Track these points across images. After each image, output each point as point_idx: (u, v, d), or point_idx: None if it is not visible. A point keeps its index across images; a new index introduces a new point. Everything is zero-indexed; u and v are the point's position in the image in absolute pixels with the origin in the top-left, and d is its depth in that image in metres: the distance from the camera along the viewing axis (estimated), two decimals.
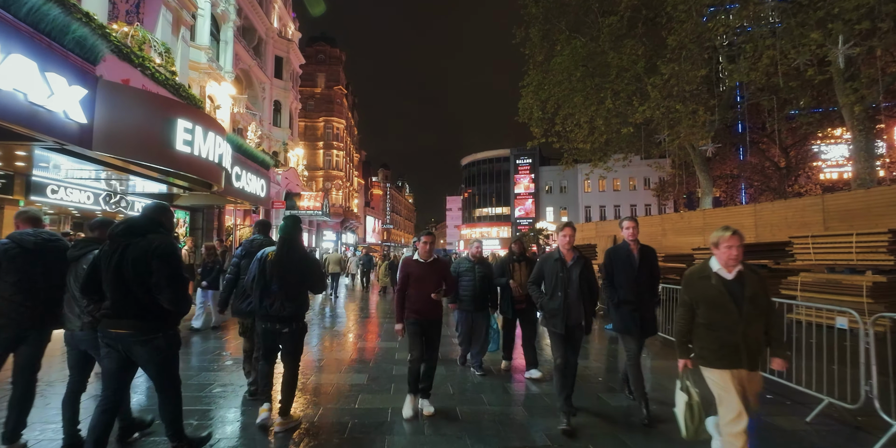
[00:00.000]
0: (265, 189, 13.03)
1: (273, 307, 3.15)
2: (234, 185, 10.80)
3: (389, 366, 5.06)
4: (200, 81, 16.34)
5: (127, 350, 2.50)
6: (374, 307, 11.33)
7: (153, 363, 2.55)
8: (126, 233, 2.53)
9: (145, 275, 2.46)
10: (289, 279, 3.16)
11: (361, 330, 7.74)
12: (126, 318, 2.47)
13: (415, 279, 3.67)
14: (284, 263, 3.17)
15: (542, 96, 16.61)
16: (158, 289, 2.47)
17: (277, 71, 27.48)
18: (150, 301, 2.49)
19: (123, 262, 2.46)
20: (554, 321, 3.47)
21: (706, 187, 19.47)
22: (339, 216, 40.07)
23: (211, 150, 7.77)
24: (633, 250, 3.85)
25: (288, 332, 3.21)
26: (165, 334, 2.57)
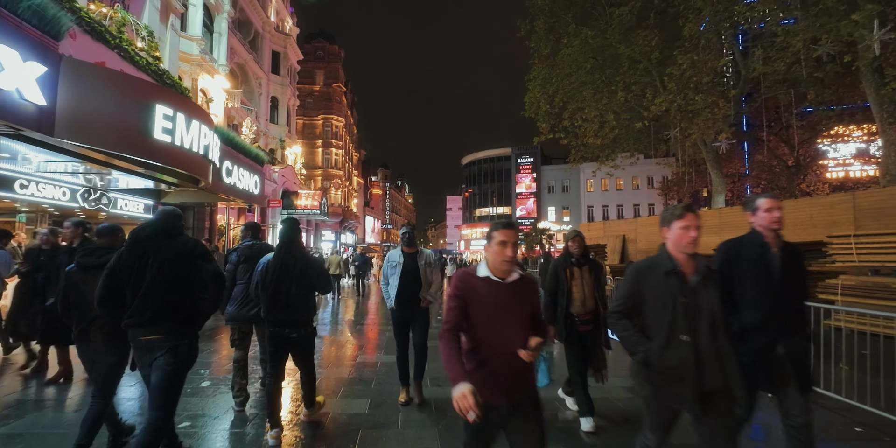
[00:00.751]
0: (259, 186, 12.30)
1: (283, 313, 3.06)
2: (224, 181, 10.08)
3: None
4: (192, 74, 15.61)
5: (153, 356, 2.41)
6: (374, 312, 10.61)
7: (166, 372, 2.39)
8: (157, 236, 2.45)
9: (184, 276, 2.42)
10: (293, 283, 3.07)
11: (360, 340, 7.03)
12: (158, 324, 2.39)
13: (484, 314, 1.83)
14: (287, 268, 3.08)
15: (550, 90, 15.90)
16: (203, 288, 2.46)
17: (274, 66, 26.74)
18: (183, 304, 2.44)
19: (158, 264, 2.37)
20: (673, 389, 1.94)
21: (718, 185, 18.77)
22: (337, 216, 39.33)
23: (195, 140, 7.04)
24: (773, 246, 2.46)
25: (297, 336, 3.12)
26: (190, 342, 2.49)
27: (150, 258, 2.38)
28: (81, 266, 2.73)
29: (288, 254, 3.12)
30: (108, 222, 3.03)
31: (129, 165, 6.51)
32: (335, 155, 40.71)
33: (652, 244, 17.63)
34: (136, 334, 2.41)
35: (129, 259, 2.40)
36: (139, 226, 2.53)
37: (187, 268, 2.44)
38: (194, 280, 2.46)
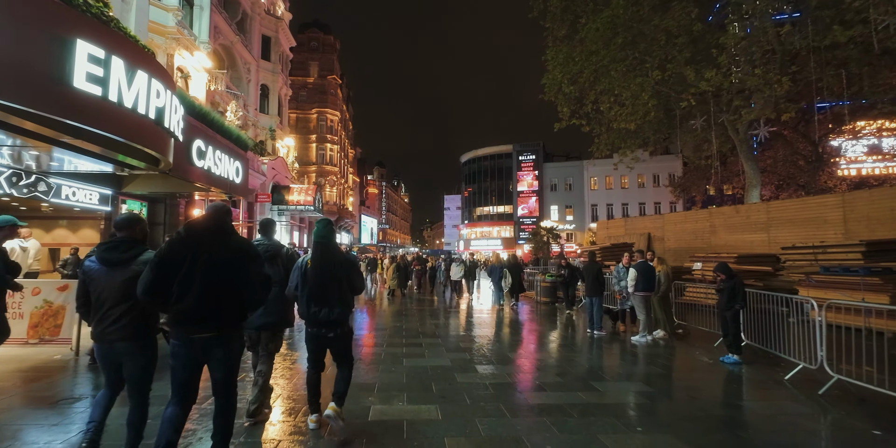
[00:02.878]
0: (241, 174, 10.41)
1: (321, 313, 3.08)
2: (195, 164, 8.20)
3: None
4: (167, 48, 13.67)
5: (206, 354, 2.40)
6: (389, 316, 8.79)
7: (227, 364, 2.44)
8: (213, 231, 2.45)
9: (235, 276, 2.41)
10: (331, 284, 3.10)
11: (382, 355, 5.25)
12: (212, 321, 2.37)
13: None
14: (324, 268, 3.11)
15: (574, 69, 14.13)
16: (254, 288, 2.47)
17: (265, 52, 24.78)
18: (232, 303, 2.43)
19: (212, 262, 2.36)
20: None
21: (753, 178, 17.14)
22: (332, 214, 37.37)
23: (142, 98, 5.17)
24: None
25: (334, 336, 3.16)
26: (240, 336, 2.55)
27: (203, 254, 2.35)
28: (105, 261, 2.59)
29: (326, 253, 3.14)
30: (127, 213, 2.97)
31: (46, 130, 4.61)
32: (330, 150, 38.75)
33: (682, 243, 15.91)
34: (188, 332, 2.36)
35: (181, 251, 2.35)
36: (194, 219, 2.51)
37: (239, 268, 2.43)
38: (243, 280, 2.44)
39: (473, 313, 10.14)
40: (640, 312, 6.98)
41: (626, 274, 7.95)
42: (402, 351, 5.91)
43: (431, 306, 11.43)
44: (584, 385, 4.45)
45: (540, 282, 13.10)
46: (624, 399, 4.07)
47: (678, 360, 5.71)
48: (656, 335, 7.15)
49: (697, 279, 11.46)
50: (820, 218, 11.26)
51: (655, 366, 5.38)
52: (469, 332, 7.50)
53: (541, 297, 12.95)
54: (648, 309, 7.02)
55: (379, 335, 7.20)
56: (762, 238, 13.08)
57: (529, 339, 7.16)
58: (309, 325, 3.15)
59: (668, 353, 6.15)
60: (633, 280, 6.91)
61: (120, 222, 2.78)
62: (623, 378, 4.79)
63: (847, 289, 7.84)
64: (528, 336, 7.41)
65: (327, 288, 3.07)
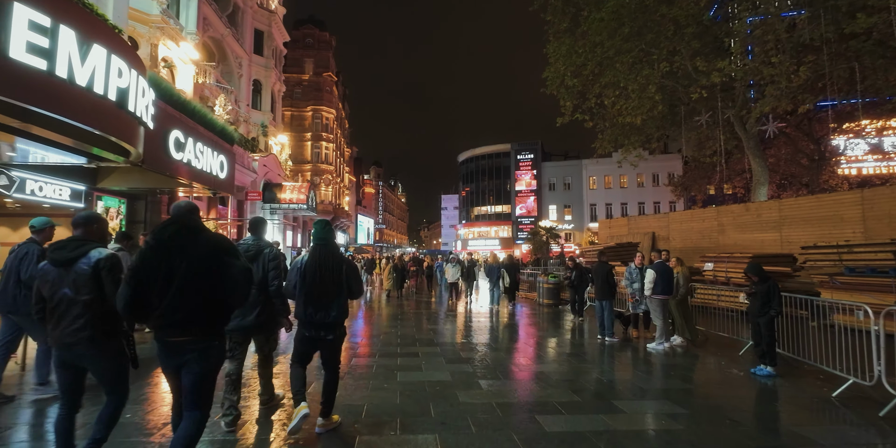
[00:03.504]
0: (227, 169, 9.76)
1: (317, 315, 3.03)
2: (172, 157, 7.55)
3: None
4: (151, 38, 13.00)
5: (181, 359, 2.29)
6: (384, 321, 8.15)
7: (199, 375, 2.30)
8: (181, 233, 2.32)
9: (212, 274, 2.29)
10: (329, 286, 3.04)
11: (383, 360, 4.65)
12: (188, 325, 2.26)
13: None
14: (324, 271, 3.06)
15: (577, 61, 13.55)
16: (235, 282, 2.34)
17: (257, 46, 24.13)
18: (213, 303, 2.31)
19: (187, 264, 2.25)
20: None
21: (761, 176, 16.60)
22: (328, 214, 36.69)
23: (100, 76, 4.54)
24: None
25: (331, 339, 3.11)
26: (220, 344, 2.39)
27: (176, 259, 2.24)
28: (54, 261, 2.47)
29: (325, 255, 3.10)
30: (86, 210, 3.25)
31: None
32: (325, 149, 38.06)
33: (689, 242, 15.36)
34: (164, 335, 2.28)
35: (153, 260, 2.24)
36: (160, 225, 2.38)
37: (215, 265, 2.31)
38: (222, 277, 2.31)
39: (473, 317, 9.52)
40: (656, 318, 6.39)
41: (639, 275, 7.38)
42: (397, 362, 5.29)
43: (429, 309, 10.82)
44: (606, 405, 3.85)
45: (543, 283, 12.51)
46: (655, 424, 3.47)
47: (704, 372, 5.12)
48: (674, 342, 6.57)
49: (709, 280, 10.92)
50: (837, 216, 10.73)
51: (680, 379, 4.79)
52: (469, 340, 6.89)
53: (544, 299, 12.36)
54: (666, 314, 6.44)
55: (372, 343, 6.57)
56: (774, 237, 12.54)
57: (535, 346, 6.55)
58: (304, 326, 3.10)
59: (690, 364, 5.56)
60: (651, 282, 6.32)
61: (75, 219, 2.67)
62: (648, 395, 4.20)
63: (877, 291, 7.29)
64: (534, 343, 6.80)
65: (325, 290, 3.02)
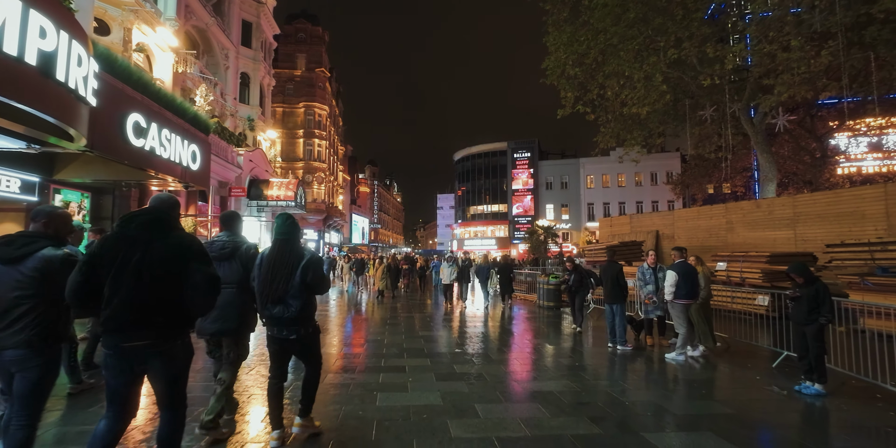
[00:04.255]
0: (199, 159, 8.92)
1: (276, 310, 2.84)
2: (130, 143, 6.71)
3: None
4: (124, 21, 12.12)
5: (142, 363, 2.12)
6: (371, 326, 7.32)
7: (168, 376, 2.19)
8: (150, 227, 2.16)
9: (174, 277, 2.14)
10: (286, 281, 2.83)
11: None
12: (145, 328, 2.10)
13: None
14: (279, 265, 2.86)
15: (579, 49, 12.80)
16: (197, 289, 2.16)
17: (245, 38, 23.22)
18: (172, 305, 2.15)
19: (148, 261, 2.09)
20: None
21: (769, 171, 15.91)
22: (321, 213, 35.83)
23: (11, 35, 3.71)
24: None
25: (295, 338, 2.88)
26: (183, 342, 2.24)
27: (137, 253, 2.09)
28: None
29: (285, 250, 2.93)
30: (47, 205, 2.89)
31: None
32: (318, 146, 37.13)
33: (695, 241, 14.64)
34: (116, 340, 2.09)
35: (113, 248, 2.09)
36: (131, 213, 2.23)
37: (179, 268, 2.14)
38: (186, 282, 2.14)
39: (468, 322, 8.74)
40: (679, 325, 5.63)
41: (652, 276, 6.64)
42: (379, 379, 4.48)
43: (422, 312, 10.02)
44: (635, 440, 3.07)
45: (543, 284, 11.75)
46: None
47: (740, 391, 4.36)
48: (694, 352, 5.82)
49: (721, 281, 10.23)
50: (857, 212, 10.04)
51: (715, 400, 4.02)
52: (464, 349, 6.10)
53: (544, 301, 11.60)
54: (689, 320, 5.68)
55: (354, 354, 5.76)
56: (787, 235, 11.85)
57: (539, 357, 5.77)
58: (267, 324, 2.93)
59: (720, 378, 4.80)
60: (673, 285, 5.56)
61: (33, 213, 2.52)
62: (683, 424, 3.42)
63: None
64: (537, 353, 6.02)
65: (281, 285, 2.84)
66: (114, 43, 11.88)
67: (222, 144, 15.22)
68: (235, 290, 3.03)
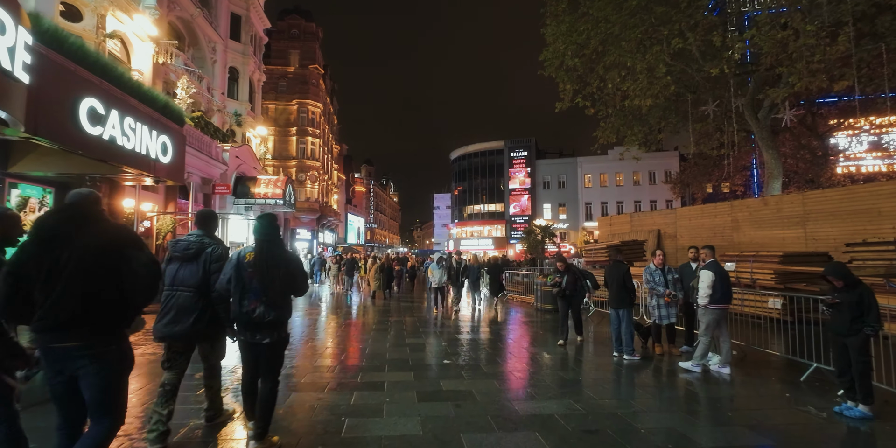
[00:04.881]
0: (171, 151, 8.25)
1: (255, 313, 2.70)
2: (84, 131, 6.05)
3: None
4: (97, 7, 11.42)
5: (72, 367, 1.98)
6: (354, 332, 6.66)
7: (101, 381, 2.00)
8: (71, 221, 2.03)
9: (109, 269, 2.01)
10: (272, 282, 2.74)
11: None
12: (76, 327, 1.96)
13: None
14: (267, 265, 2.76)
15: (579, 39, 12.21)
16: (136, 277, 2.05)
17: (234, 32, 22.53)
18: (108, 302, 2.02)
19: (77, 257, 1.96)
20: None
21: (774, 168, 15.37)
22: (314, 212, 35.15)
23: None
24: None
25: (269, 342, 2.77)
26: (119, 346, 2.09)
27: (63, 251, 1.96)
28: None
29: (268, 252, 2.80)
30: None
31: None
32: (311, 144, 36.47)
33: (698, 240, 14.03)
34: (47, 340, 1.97)
35: (35, 254, 1.98)
36: (44, 214, 2.15)
37: (111, 259, 2.02)
38: (121, 272, 2.02)
39: (460, 328, 8.11)
40: (705, 333, 4.98)
41: (661, 278, 6.04)
42: (350, 400, 3.84)
43: (411, 316, 9.38)
44: None
45: (540, 285, 11.15)
46: None
47: (770, 412, 3.75)
48: (710, 363, 5.23)
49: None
50: (873, 209, 9.48)
51: (746, 425, 3.41)
52: (454, 360, 5.47)
53: (541, 304, 11.00)
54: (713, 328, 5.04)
55: (327, 366, 5.12)
56: (796, 234, 11.30)
57: (538, 370, 5.15)
58: (240, 326, 2.81)
59: (745, 396, 4.19)
60: (710, 287, 4.88)
61: None
62: None
63: None
64: (535, 365, 5.40)
65: (266, 287, 2.72)
66: (86, 30, 11.19)
67: (206, 139, 14.54)
68: (194, 293, 2.89)
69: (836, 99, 24.32)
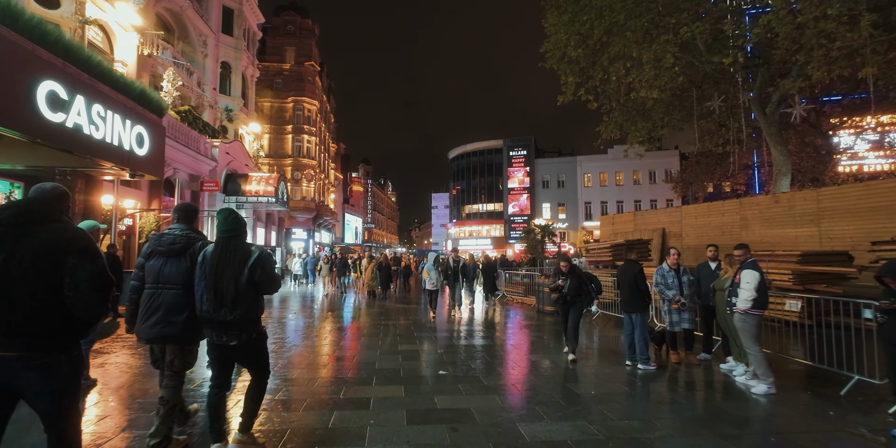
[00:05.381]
0: (148, 143, 7.69)
1: (218, 312, 2.57)
2: (44, 117, 5.49)
3: None
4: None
5: (11, 379, 1.79)
6: (344, 337, 6.11)
7: (49, 395, 1.84)
8: (20, 220, 1.85)
9: (51, 275, 1.82)
10: (231, 280, 2.58)
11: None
12: (14, 337, 1.78)
13: None
14: (228, 262, 2.62)
15: (582, 29, 11.69)
16: (76, 292, 1.84)
17: (226, 26, 21.96)
18: (49, 310, 1.82)
19: (18, 259, 1.78)
20: None
21: (783, 165, 14.87)
22: (310, 211, 34.59)
23: None
24: None
25: (238, 345, 2.62)
26: (68, 355, 1.90)
27: (3, 252, 1.78)
28: None
29: (229, 248, 2.67)
30: None
31: None
32: (307, 142, 35.85)
33: (705, 239, 13.53)
34: None
35: None
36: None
37: (56, 265, 1.83)
38: (65, 282, 1.82)
39: (459, 334, 7.57)
40: (754, 343, 4.30)
41: (675, 280, 5.51)
42: (329, 421, 3.30)
43: (407, 319, 8.82)
44: None
45: (543, 286, 10.62)
46: None
47: (818, 436, 3.21)
48: (734, 372, 4.71)
49: None
50: (893, 206, 8.99)
51: None
52: (451, 371, 4.92)
53: (544, 306, 10.48)
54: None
55: (308, 379, 4.57)
56: (810, 233, 10.80)
57: (545, 383, 4.61)
58: (206, 329, 2.67)
59: (785, 415, 3.66)
60: (757, 290, 4.21)
61: None
62: None
63: None
64: (541, 377, 4.86)
65: (227, 285, 2.57)
66: (63, 17, 10.63)
67: (193, 134, 13.97)
68: (182, 291, 2.72)
69: (840, 97, 23.95)
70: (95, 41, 12.06)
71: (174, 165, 12.77)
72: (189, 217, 3.00)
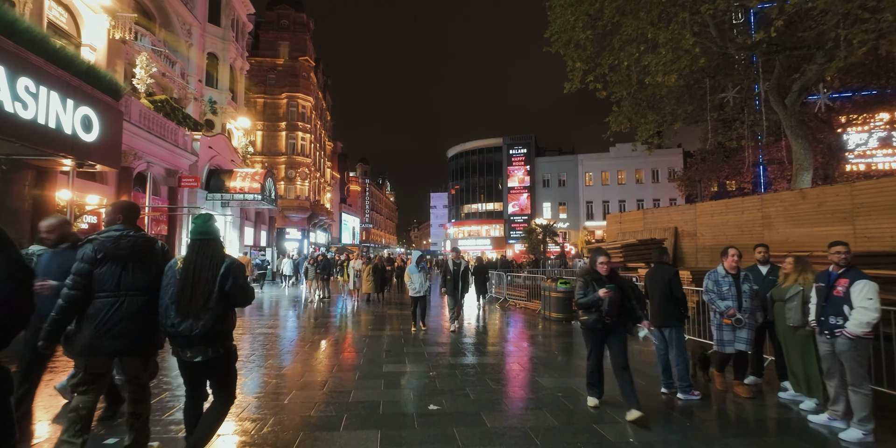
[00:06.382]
0: (97, 128, 6.67)
1: (182, 326, 2.35)
2: None
3: None
4: None
5: None
6: (326, 348, 5.11)
7: None
8: None
9: None
10: (201, 289, 2.39)
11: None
12: None
13: None
14: (196, 271, 2.43)
15: (590, 9, 10.71)
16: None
17: (213, 15, 20.93)
18: None
19: None
20: None
21: (804, 160, 13.87)
22: (304, 210, 33.61)
23: None
24: None
25: (202, 361, 2.39)
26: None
27: None
28: None
29: (204, 253, 2.49)
30: None
31: None
32: (301, 139, 34.85)
33: (722, 239, 12.48)
34: None
35: None
36: None
37: None
38: None
39: (454, 350, 6.56)
40: (862, 380, 3.24)
41: (732, 288, 4.32)
42: None
43: (395, 329, 7.80)
44: None
45: (549, 291, 9.64)
46: None
47: None
48: (806, 404, 3.72)
49: None
50: None
51: None
52: (443, 405, 3.92)
53: (550, 312, 9.50)
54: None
55: (256, 417, 3.56)
56: (844, 231, 9.78)
57: (568, 423, 3.60)
58: (170, 343, 2.49)
59: None
60: (877, 310, 3.20)
61: None
62: None
63: None
64: (564, 413, 3.85)
65: (194, 294, 2.38)
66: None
67: (170, 125, 12.95)
68: (148, 297, 2.51)
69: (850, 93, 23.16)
70: (59, 23, 11.04)
71: (146, 158, 11.74)
72: (133, 217, 2.76)
